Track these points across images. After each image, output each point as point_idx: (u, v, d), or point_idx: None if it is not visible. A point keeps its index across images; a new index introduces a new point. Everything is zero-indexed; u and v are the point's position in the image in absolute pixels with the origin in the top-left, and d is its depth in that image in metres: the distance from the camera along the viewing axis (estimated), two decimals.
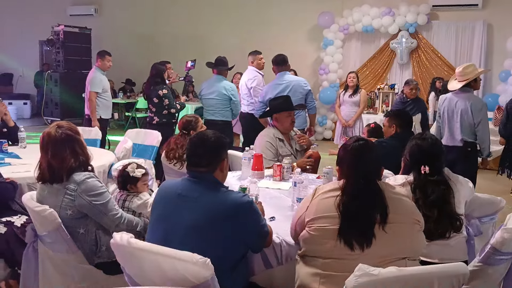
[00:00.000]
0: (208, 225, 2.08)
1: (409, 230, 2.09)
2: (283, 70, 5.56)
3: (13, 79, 14.90)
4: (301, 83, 5.48)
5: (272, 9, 11.50)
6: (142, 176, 2.98)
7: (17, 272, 2.97)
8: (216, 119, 5.90)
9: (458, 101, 4.64)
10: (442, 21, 10.29)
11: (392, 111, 4.46)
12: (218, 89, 5.87)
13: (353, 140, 2.25)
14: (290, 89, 5.33)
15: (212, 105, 5.93)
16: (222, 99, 5.87)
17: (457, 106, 4.63)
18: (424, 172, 2.61)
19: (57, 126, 2.62)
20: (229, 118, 6.01)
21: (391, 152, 3.25)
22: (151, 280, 1.90)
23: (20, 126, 4.73)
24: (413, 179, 2.66)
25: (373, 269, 1.68)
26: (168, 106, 5.88)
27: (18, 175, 3.44)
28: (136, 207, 2.89)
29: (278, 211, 2.79)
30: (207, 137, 2.27)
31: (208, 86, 6.03)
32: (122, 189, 3.02)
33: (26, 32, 14.15)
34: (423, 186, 2.60)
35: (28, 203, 2.54)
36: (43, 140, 2.58)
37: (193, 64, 8.69)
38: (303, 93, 5.39)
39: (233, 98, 5.89)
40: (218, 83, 5.92)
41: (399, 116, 4.29)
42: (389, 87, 9.23)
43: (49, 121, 12.15)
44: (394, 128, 4.18)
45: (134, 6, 12.87)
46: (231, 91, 5.88)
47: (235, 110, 5.98)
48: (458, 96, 4.66)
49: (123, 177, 2.99)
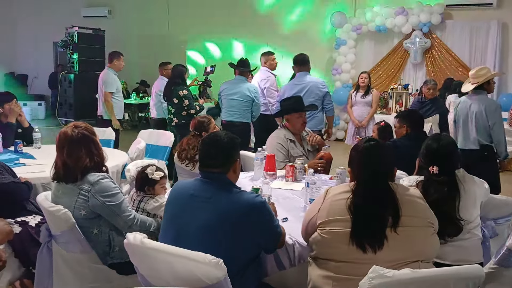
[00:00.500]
0: (220, 225, 2.08)
1: (423, 233, 2.06)
2: (303, 70, 5.50)
3: (28, 80, 15.07)
4: (319, 84, 5.42)
5: (284, 9, 11.48)
6: (160, 179, 2.99)
7: (32, 271, 3.00)
8: (235, 120, 5.82)
9: (472, 104, 4.63)
10: (456, 21, 10.18)
11: (402, 111, 4.43)
12: (242, 90, 5.79)
13: (364, 140, 2.24)
14: (307, 90, 5.30)
15: (233, 105, 5.84)
16: (245, 101, 5.79)
17: (471, 108, 4.63)
18: (432, 172, 2.59)
19: (73, 126, 2.64)
20: (248, 120, 5.92)
21: (404, 152, 3.22)
22: (164, 280, 1.90)
23: (35, 126, 4.78)
24: (424, 179, 2.65)
25: (387, 271, 1.67)
26: (188, 106, 5.94)
27: (33, 175, 3.48)
28: (151, 208, 2.90)
29: (291, 212, 2.78)
30: (219, 138, 2.27)
31: (231, 86, 5.92)
32: (139, 190, 3.02)
33: (41, 33, 14.31)
34: (428, 186, 2.58)
35: (43, 203, 2.56)
36: (59, 139, 2.61)
37: (213, 69, 8.83)
38: (319, 94, 5.34)
39: (256, 100, 5.81)
40: (242, 84, 5.84)
41: (409, 116, 4.26)
42: (403, 87, 9.14)
43: (63, 121, 12.29)
44: (405, 129, 4.15)
45: (147, 8, 12.93)
46: (255, 93, 5.81)
47: (256, 112, 5.89)
48: (472, 98, 4.66)
49: (142, 179, 3.00)
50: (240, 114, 5.84)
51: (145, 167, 3.04)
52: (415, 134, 4.01)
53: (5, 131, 4.35)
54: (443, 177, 2.57)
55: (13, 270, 2.97)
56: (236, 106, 5.83)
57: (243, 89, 5.80)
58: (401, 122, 4.19)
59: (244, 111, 5.83)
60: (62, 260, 2.59)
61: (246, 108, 5.83)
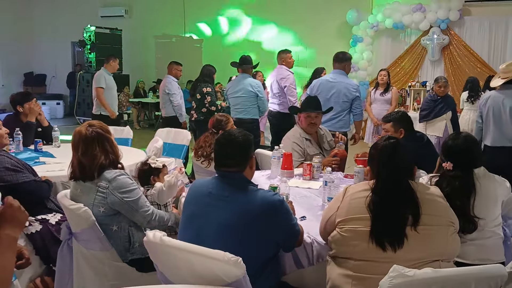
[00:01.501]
0: (239, 223, 2.08)
1: (443, 232, 2.04)
2: (339, 68, 5.31)
3: (46, 80, 15.28)
4: (350, 87, 5.20)
5: (300, 6, 11.45)
6: (163, 167, 3.05)
7: (52, 269, 3.04)
8: (243, 117, 5.89)
9: (504, 98, 4.43)
10: (475, 17, 10.04)
11: (390, 114, 4.07)
12: (244, 87, 5.89)
13: (384, 139, 2.22)
14: (336, 90, 5.15)
15: (239, 103, 5.95)
16: (249, 96, 5.88)
17: (504, 104, 4.43)
18: (446, 168, 2.58)
19: (88, 125, 2.66)
20: (256, 116, 6.00)
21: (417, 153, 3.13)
22: (184, 278, 1.91)
23: (54, 125, 4.84)
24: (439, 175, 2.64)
25: (408, 270, 1.65)
26: (210, 103, 6.18)
27: (53, 173, 3.53)
28: (156, 198, 2.94)
29: (309, 210, 2.77)
30: (235, 137, 2.26)
31: (234, 84, 6.07)
32: (144, 184, 3.06)
33: (59, 34, 14.48)
34: (441, 181, 2.57)
35: (63, 201, 2.59)
36: (74, 138, 2.63)
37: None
38: (349, 97, 5.15)
39: (260, 95, 5.88)
40: (244, 81, 5.94)
41: (403, 118, 3.92)
42: (421, 84, 9.04)
43: (81, 120, 12.41)
44: (402, 133, 3.81)
45: (163, 7, 13.00)
46: (257, 88, 5.88)
47: (262, 107, 5.96)
48: (503, 93, 4.46)
49: (146, 171, 3.04)
50: (247, 110, 5.91)
51: (145, 160, 3.11)
52: (413, 135, 3.85)
53: (25, 130, 4.41)
54: (456, 172, 2.55)
55: (34, 268, 3.01)
56: (241, 102, 5.92)
57: (245, 85, 5.89)
58: (397, 126, 3.83)
59: (249, 107, 5.91)
60: (82, 258, 2.61)
61: (251, 103, 5.89)
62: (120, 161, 2.73)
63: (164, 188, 2.91)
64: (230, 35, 12.62)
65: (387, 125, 3.88)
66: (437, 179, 2.63)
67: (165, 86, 6.66)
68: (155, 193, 2.94)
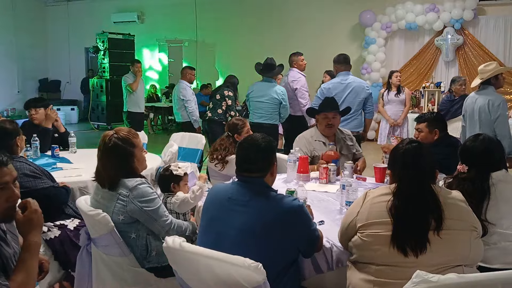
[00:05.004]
0: (259, 229, 2.06)
1: (466, 237, 2.01)
2: (345, 69, 5.39)
3: (61, 86, 15.44)
4: (363, 85, 5.35)
5: (312, 8, 11.43)
6: (184, 175, 3.05)
7: (71, 274, 3.06)
8: (263, 122, 5.89)
9: (478, 98, 4.64)
10: (490, 16, 9.93)
11: (424, 114, 3.97)
12: (270, 93, 5.87)
13: (406, 142, 2.19)
14: (351, 90, 5.22)
15: (261, 108, 5.92)
16: (273, 103, 5.87)
17: (476, 103, 4.61)
18: (459, 170, 2.57)
19: (114, 132, 2.61)
20: (277, 122, 5.99)
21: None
22: (203, 283, 1.91)
23: (71, 131, 4.88)
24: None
25: (432, 276, 1.62)
26: (228, 107, 6.45)
27: (70, 179, 3.55)
28: (177, 208, 2.94)
29: (327, 214, 2.75)
30: (258, 143, 2.25)
31: (259, 88, 6.01)
32: (164, 191, 3.06)
33: (72, 40, 14.65)
34: (453, 183, 2.55)
35: (82, 207, 2.60)
36: (100, 142, 2.62)
37: None
38: (364, 96, 5.25)
39: (284, 102, 5.87)
40: (270, 87, 5.91)
41: (438, 119, 3.84)
42: (435, 85, 8.97)
43: (95, 125, 12.53)
44: (436, 133, 3.74)
45: (175, 12, 13.05)
46: (282, 95, 5.86)
47: (284, 113, 5.95)
48: (478, 93, 4.68)
49: (167, 177, 3.05)
50: (268, 116, 5.91)
51: (167, 166, 3.10)
52: (447, 138, 3.78)
53: (43, 136, 4.45)
54: (469, 174, 2.53)
55: (53, 273, 3.03)
56: (264, 108, 5.91)
57: (271, 92, 5.88)
58: (431, 126, 3.74)
59: (271, 113, 5.90)
60: (102, 263, 2.62)
61: (274, 110, 5.90)
62: (140, 173, 2.68)
63: (191, 200, 2.92)
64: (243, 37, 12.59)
65: (421, 125, 3.80)
66: (450, 180, 2.60)
67: (180, 92, 6.68)
68: (177, 202, 2.94)
